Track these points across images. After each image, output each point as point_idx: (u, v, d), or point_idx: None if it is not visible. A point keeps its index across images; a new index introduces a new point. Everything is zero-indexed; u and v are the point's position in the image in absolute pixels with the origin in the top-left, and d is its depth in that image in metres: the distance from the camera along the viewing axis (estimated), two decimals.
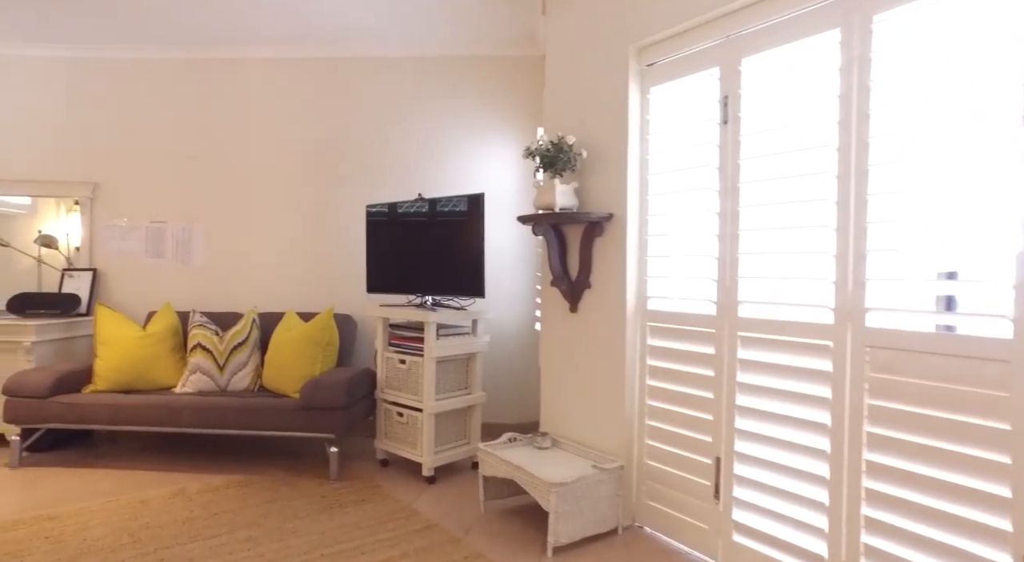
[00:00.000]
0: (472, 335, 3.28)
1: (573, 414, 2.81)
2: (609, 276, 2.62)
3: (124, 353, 3.40)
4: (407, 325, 3.29)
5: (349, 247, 3.96)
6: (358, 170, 3.97)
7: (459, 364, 3.26)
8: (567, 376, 2.84)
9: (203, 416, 3.09)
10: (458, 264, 3.18)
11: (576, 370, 2.79)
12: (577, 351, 2.79)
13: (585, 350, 2.74)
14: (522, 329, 3.93)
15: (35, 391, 3.17)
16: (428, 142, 3.93)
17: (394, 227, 3.46)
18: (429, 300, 3.35)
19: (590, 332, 2.72)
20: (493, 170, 3.93)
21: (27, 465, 3.27)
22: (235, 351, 3.47)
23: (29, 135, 4.04)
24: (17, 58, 4.02)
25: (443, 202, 3.25)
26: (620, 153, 2.56)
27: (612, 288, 2.61)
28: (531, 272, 3.92)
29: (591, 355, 2.71)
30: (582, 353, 2.76)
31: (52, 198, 4.06)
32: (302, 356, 3.33)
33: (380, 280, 3.55)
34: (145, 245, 4.01)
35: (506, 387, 3.96)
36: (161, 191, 4.02)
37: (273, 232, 4.00)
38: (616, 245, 2.59)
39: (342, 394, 3.04)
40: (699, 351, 2.29)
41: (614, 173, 2.60)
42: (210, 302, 4.01)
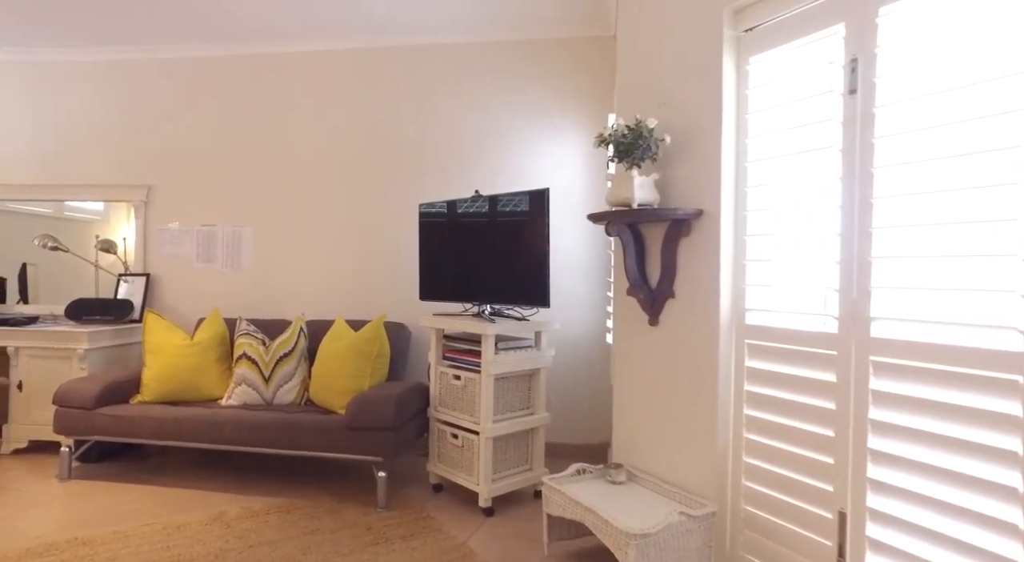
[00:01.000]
0: (535, 348, 2.93)
1: (652, 444, 2.40)
2: (697, 284, 2.21)
3: (169, 362, 3.25)
4: (462, 337, 2.97)
5: (403, 249, 3.70)
6: (410, 167, 3.70)
7: (520, 381, 2.92)
8: (645, 399, 2.44)
9: (245, 433, 2.88)
10: (520, 269, 2.83)
11: (656, 392, 2.39)
12: (658, 370, 2.38)
13: (667, 370, 2.33)
14: (592, 341, 3.55)
15: (82, 402, 3.05)
16: (485, 136, 3.62)
17: (448, 228, 3.16)
18: (487, 309, 3.02)
19: (673, 349, 2.31)
20: (557, 164, 3.56)
21: (77, 477, 3.16)
22: (281, 362, 3.26)
23: (87, 139, 4.00)
24: (74, 64, 4.00)
25: (502, 200, 2.92)
26: (712, 137, 2.15)
27: (701, 298, 2.19)
28: (602, 278, 3.53)
29: (675, 376, 2.30)
30: (664, 373, 2.35)
31: (119, 203, 4.00)
32: (349, 369, 3.07)
33: (433, 286, 3.26)
34: (196, 249, 3.89)
35: (573, 405, 3.58)
36: (211, 193, 3.89)
37: (322, 233, 3.78)
38: (706, 247, 2.17)
39: (390, 414, 2.75)
40: (815, 378, 1.84)
41: (704, 161, 2.18)
42: (259, 308, 3.84)
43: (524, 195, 2.83)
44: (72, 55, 3.98)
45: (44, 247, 3.82)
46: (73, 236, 4.10)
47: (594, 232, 3.53)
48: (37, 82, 4.06)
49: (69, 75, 4.02)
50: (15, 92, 4.11)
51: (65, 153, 4.03)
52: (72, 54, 3.97)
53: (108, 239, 4.09)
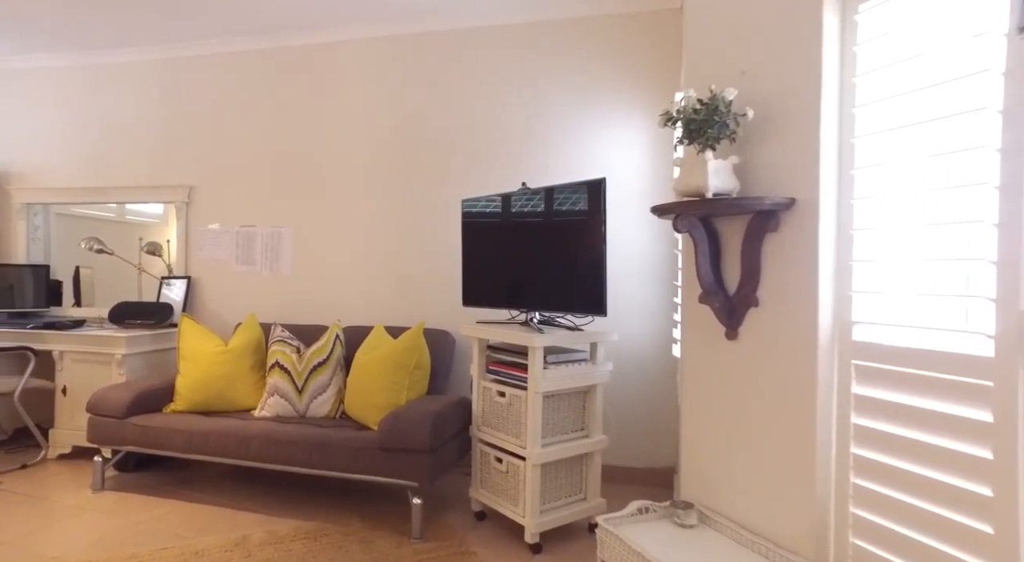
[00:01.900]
0: (590, 362, 2.57)
1: (731, 481, 2.00)
2: (787, 289, 1.80)
3: (202, 370, 3.09)
4: (507, 348, 2.64)
5: (447, 249, 3.42)
6: (455, 161, 3.41)
7: (573, 399, 2.56)
8: (721, 427, 2.04)
9: (272, 450, 2.66)
10: (572, 271, 2.48)
11: (736, 420, 1.98)
12: (737, 393, 1.97)
13: (750, 393, 1.93)
14: (655, 354, 3.15)
15: (113, 411, 2.93)
16: (533, 125, 3.28)
17: (493, 224, 2.84)
18: (536, 317, 2.68)
19: (757, 368, 1.90)
20: (615, 153, 3.19)
21: (111, 487, 3.05)
22: (315, 371, 3.03)
23: (131, 141, 3.95)
24: (116, 66, 3.95)
25: (552, 192, 2.57)
26: (808, 108, 1.73)
27: (792, 307, 1.78)
28: (668, 282, 3.13)
29: (759, 401, 1.89)
30: (745, 397, 1.94)
31: (171, 204, 3.93)
32: (385, 381, 2.80)
33: (477, 290, 2.95)
34: (236, 250, 3.75)
35: (634, 425, 3.19)
36: (250, 192, 3.74)
37: (362, 233, 3.55)
38: (800, 244, 1.76)
39: (425, 434, 2.46)
40: (959, 415, 1.40)
41: (797, 138, 1.77)
42: (297, 313, 3.65)
43: (576, 186, 2.47)
44: (114, 57, 3.93)
45: (90, 250, 3.78)
46: (133, 239, 4.07)
47: (658, 229, 3.13)
48: (83, 85, 4.04)
49: (112, 77, 3.97)
50: (62, 96, 4.11)
51: (111, 155, 3.99)
52: (115, 55, 3.93)
53: (154, 242, 4.02)
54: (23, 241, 4.17)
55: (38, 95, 4.18)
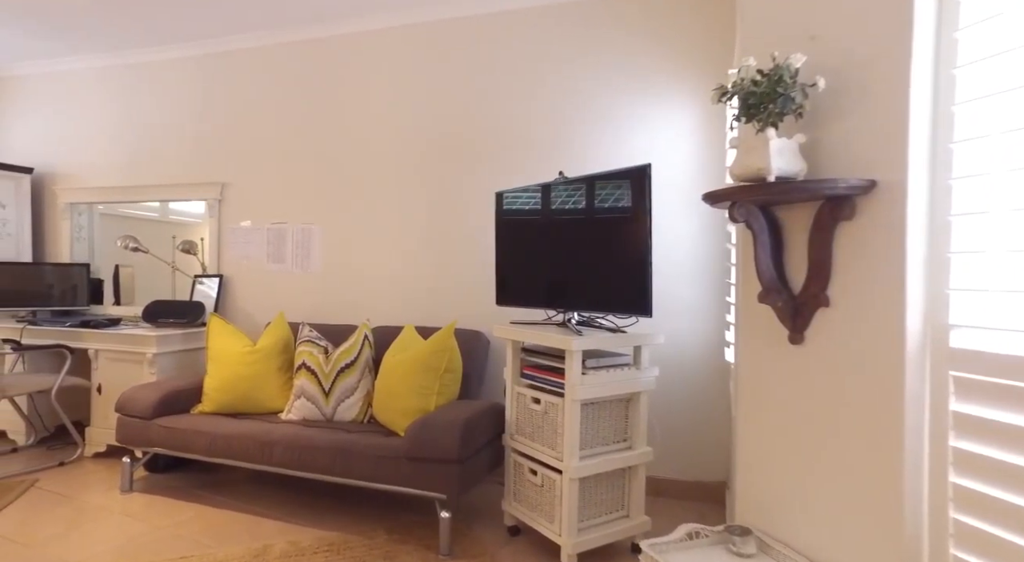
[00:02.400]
0: (634, 367, 2.34)
1: (795, 506, 1.74)
2: (866, 287, 1.54)
3: (230, 371, 3.00)
4: (543, 350, 2.44)
5: (481, 245, 3.24)
6: (487, 152, 3.22)
7: (615, 407, 2.34)
8: (783, 443, 1.78)
9: (295, 456, 2.53)
10: (614, 267, 2.26)
11: (801, 436, 1.73)
12: (803, 406, 1.72)
13: (818, 406, 1.67)
14: (705, 358, 2.89)
15: (140, 411, 2.87)
16: (569, 111, 3.07)
17: (527, 218, 2.65)
18: (574, 318, 2.47)
19: (828, 378, 1.64)
20: (658, 141, 2.94)
21: (139, 489, 2.99)
22: (342, 374, 2.90)
23: (166, 138, 3.93)
24: (151, 63, 3.94)
25: (591, 181, 2.36)
26: (894, 72, 1.47)
27: (873, 308, 1.52)
28: (718, 279, 2.87)
29: (830, 416, 1.63)
30: (812, 410, 1.69)
31: (202, 202, 3.90)
32: (413, 385, 2.64)
33: (511, 288, 2.76)
34: (267, 248, 3.67)
35: (682, 434, 2.94)
36: (282, 188, 3.65)
37: (393, 228, 3.41)
38: (881, 234, 1.50)
39: (454, 443, 2.28)
40: None
41: (879, 110, 1.51)
42: (327, 312, 3.54)
43: (618, 174, 2.25)
44: (151, 55, 3.92)
45: (125, 248, 3.77)
46: (176, 239, 4.07)
47: (709, 221, 2.87)
48: (122, 85, 4.05)
49: (149, 76, 3.96)
50: (103, 96, 4.13)
51: (148, 153, 3.98)
52: (151, 54, 3.91)
53: (189, 240, 3.99)
54: (67, 240, 4.21)
55: (81, 95, 4.21)
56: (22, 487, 3.04)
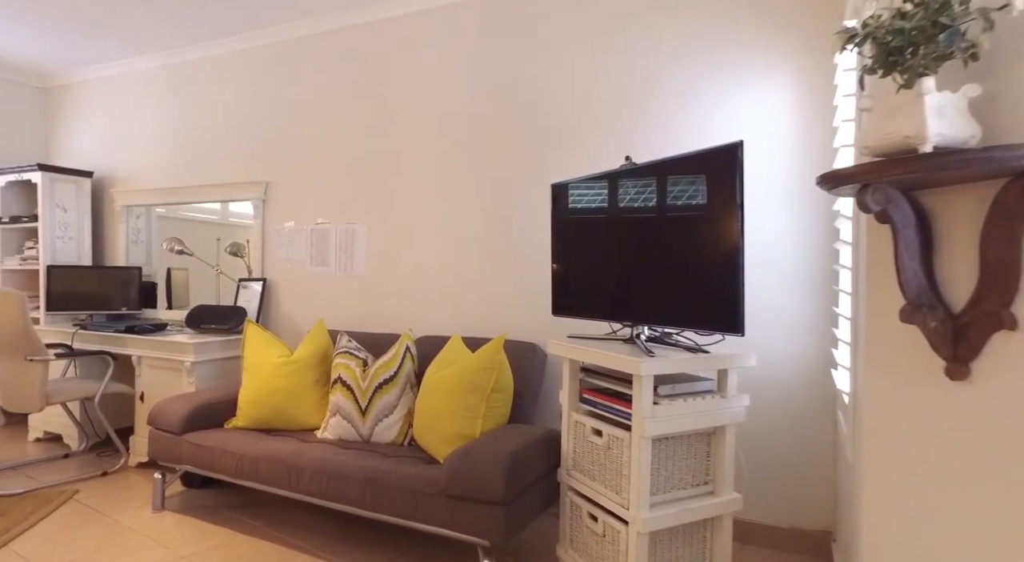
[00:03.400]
0: (718, 395, 1.90)
1: None
2: None
3: (264, 383, 2.77)
4: (606, 372, 2.04)
5: (537, 245, 2.86)
6: (544, 141, 2.84)
7: (695, 444, 1.91)
8: (932, 500, 1.30)
9: (323, 484, 2.24)
10: (694, 273, 1.83)
11: (962, 496, 1.24)
12: (968, 459, 1.24)
13: (993, 462, 1.19)
14: (805, 380, 2.39)
15: (170, 425, 2.68)
16: (635, 90, 2.64)
17: (588, 212, 2.25)
18: (643, 332, 2.05)
19: (1012, 427, 1.16)
20: (745, 122, 2.47)
21: (171, 507, 2.81)
22: (381, 390, 2.60)
23: (214, 137, 3.79)
24: (198, 62, 3.82)
25: (664, 167, 1.94)
26: None
27: None
28: (823, 285, 2.36)
29: (1015, 478, 1.15)
30: (983, 466, 1.20)
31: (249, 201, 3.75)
32: (456, 406, 2.30)
33: (568, 296, 2.37)
34: (310, 250, 3.44)
35: (775, 472, 2.45)
36: (325, 186, 3.41)
37: (440, 227, 3.09)
38: None
39: (499, 481, 1.92)
40: None
41: None
42: (370, 320, 3.27)
43: (700, 157, 1.82)
44: (198, 53, 3.80)
45: (171, 251, 3.65)
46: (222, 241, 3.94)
47: (808, 215, 2.37)
48: (171, 86, 3.96)
49: (196, 75, 3.85)
50: (154, 97, 4.06)
51: (197, 154, 3.87)
52: (198, 52, 3.79)
53: (236, 242, 3.84)
54: (123, 243, 4.18)
55: (134, 97, 4.17)
56: (61, 499, 2.93)
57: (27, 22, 3.53)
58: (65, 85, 4.55)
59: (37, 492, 3.01)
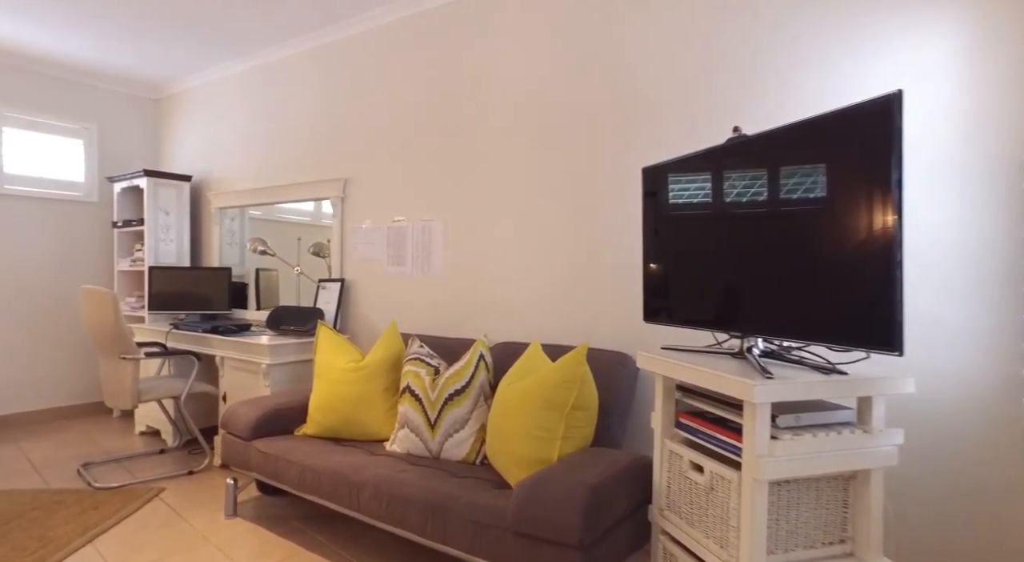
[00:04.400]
0: (859, 429, 1.47)
1: None
2: None
3: (332, 390, 2.62)
4: (709, 394, 1.66)
5: (630, 241, 2.50)
6: (632, 119, 2.48)
7: (827, 490, 1.49)
8: None
9: (382, 505, 2.03)
10: (828, 272, 1.42)
11: None
12: None
13: None
14: (984, 411, 1.86)
15: (240, 430, 2.60)
16: (742, 43, 2.21)
17: (687, 199, 1.87)
18: (756, 345, 1.66)
19: None
20: (889, 77, 1.97)
21: (243, 513, 2.74)
22: (451, 401, 2.36)
23: (295, 135, 3.76)
24: (277, 62, 3.80)
25: (786, 138, 1.53)
26: None
27: None
28: (1008, 287, 1.83)
29: None
30: None
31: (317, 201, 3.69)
32: (530, 425, 2.01)
33: (663, 300, 1.99)
34: (387, 250, 3.29)
35: (938, 530, 1.93)
36: (402, 182, 3.24)
37: (519, 224, 2.80)
38: None
39: (575, 520, 1.60)
40: None
41: None
42: (446, 323, 3.05)
43: (837, 118, 1.40)
44: (275, 54, 3.78)
45: (254, 251, 3.64)
46: (302, 241, 3.93)
47: (985, 198, 1.84)
48: (252, 87, 3.99)
49: (273, 75, 3.84)
50: (240, 100, 4.11)
51: (280, 153, 3.86)
52: (275, 53, 3.78)
53: (319, 242, 3.79)
54: (217, 244, 4.28)
55: (226, 101, 4.26)
56: (148, 496, 2.96)
57: (140, 37, 3.66)
58: (172, 95, 4.76)
59: (129, 488, 3.06)
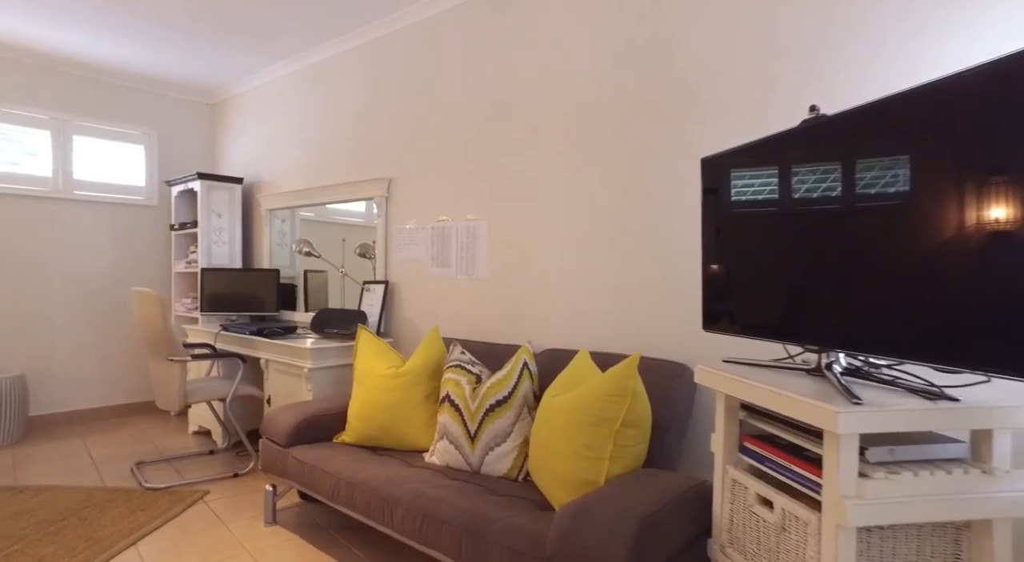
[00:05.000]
0: (976, 469, 1.21)
1: None
2: None
3: (370, 397, 2.52)
4: (782, 418, 1.43)
5: (685, 241, 2.28)
6: (690, 104, 2.24)
7: (933, 542, 1.24)
8: None
9: (415, 524, 1.89)
10: (937, 273, 1.18)
11: None
12: None
13: None
14: None
15: (278, 436, 2.53)
16: (822, 24, 1.94)
17: (754, 192, 1.64)
18: (837, 361, 1.41)
19: None
20: (967, 50, 1.67)
21: (283, 520, 2.68)
22: (493, 412, 2.20)
23: (339, 136, 3.70)
24: (323, 62, 3.74)
25: (876, 115, 1.29)
26: None
27: None
28: None
29: None
30: None
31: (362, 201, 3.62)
32: (575, 443, 1.83)
33: (725, 305, 1.77)
34: (431, 251, 3.17)
35: None
36: (446, 181, 3.11)
37: (567, 222, 2.62)
38: None
39: (622, 555, 1.41)
40: None
41: None
42: (491, 328, 2.89)
43: (948, 87, 1.16)
44: (320, 54, 3.73)
45: (299, 253, 3.61)
46: (346, 242, 3.88)
47: None
48: (300, 88, 3.96)
49: (319, 75, 3.79)
50: (288, 101, 4.10)
51: (323, 154, 3.81)
52: (320, 52, 3.73)
53: (365, 243, 3.72)
54: (267, 246, 4.29)
55: (276, 104, 4.26)
56: (193, 498, 2.95)
57: (196, 44, 3.71)
58: (226, 99, 4.83)
59: (176, 489, 3.06)
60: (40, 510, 2.84)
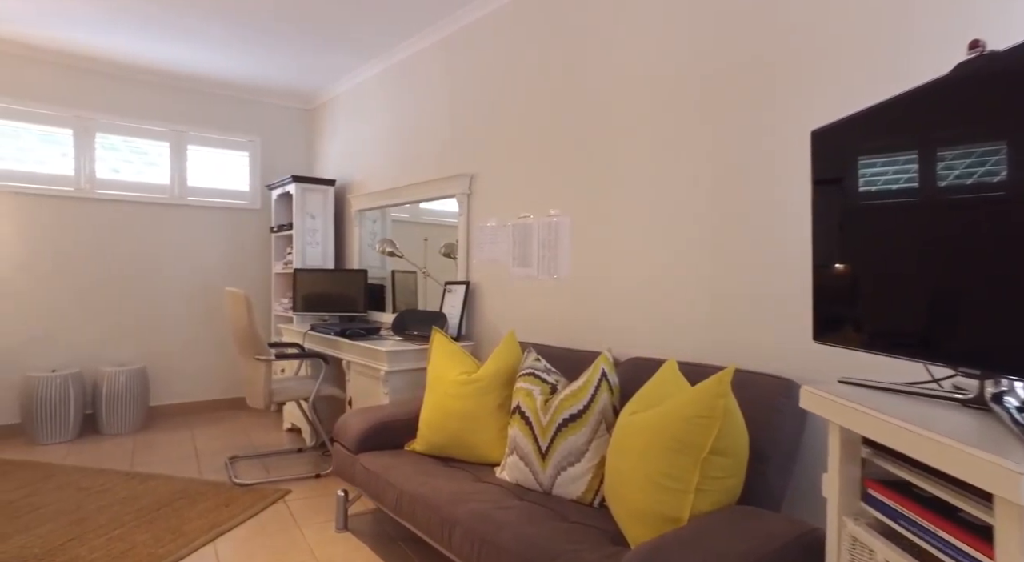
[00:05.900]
0: None
1: None
2: None
3: (440, 404, 2.38)
4: (920, 464, 1.09)
5: (791, 235, 1.93)
6: (796, 69, 1.88)
7: None
8: None
9: (474, 548, 1.71)
10: None
11: None
12: None
13: None
14: None
15: (348, 442, 2.46)
16: None
17: (882, 171, 1.30)
18: (1015, 394, 1.06)
19: None
20: None
21: (355, 526, 2.63)
22: (566, 428, 1.98)
23: (423, 133, 3.63)
24: (407, 60, 3.69)
25: None
26: None
27: None
28: None
29: None
30: None
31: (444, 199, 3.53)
32: (654, 470, 1.56)
33: (843, 311, 1.42)
34: (512, 250, 2.99)
35: None
36: (528, 175, 2.92)
37: (656, 215, 2.33)
38: None
39: None
40: None
41: None
42: (571, 332, 2.66)
43: None
44: (403, 51, 3.68)
45: (382, 253, 3.57)
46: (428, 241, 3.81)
47: None
48: (386, 87, 3.94)
49: (403, 73, 3.74)
50: (377, 101, 4.10)
51: (408, 152, 3.76)
52: (404, 50, 3.67)
53: (449, 243, 3.62)
54: (357, 246, 4.33)
55: (365, 105, 4.30)
56: (274, 497, 2.98)
57: (293, 51, 3.81)
58: (322, 104, 4.97)
59: (261, 487, 3.11)
60: (143, 497, 2.98)
